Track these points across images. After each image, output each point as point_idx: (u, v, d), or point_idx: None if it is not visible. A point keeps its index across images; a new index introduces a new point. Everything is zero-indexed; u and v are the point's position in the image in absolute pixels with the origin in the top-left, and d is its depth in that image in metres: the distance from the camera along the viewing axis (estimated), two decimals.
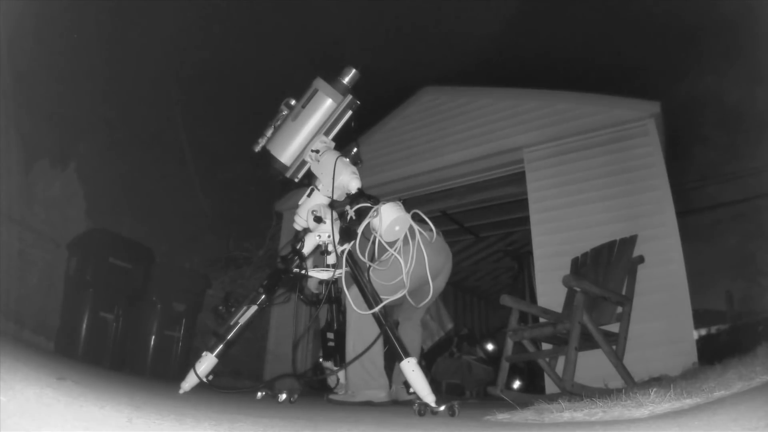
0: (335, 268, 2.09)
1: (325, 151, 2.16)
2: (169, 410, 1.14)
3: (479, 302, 9.83)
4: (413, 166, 4.99)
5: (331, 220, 2.09)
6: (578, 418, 1.23)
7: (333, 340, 2.35)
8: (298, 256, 2.12)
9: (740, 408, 1.08)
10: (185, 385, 2.00)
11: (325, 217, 2.10)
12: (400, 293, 1.99)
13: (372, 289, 1.92)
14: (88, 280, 3.73)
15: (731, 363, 1.91)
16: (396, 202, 1.99)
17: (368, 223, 1.92)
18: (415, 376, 1.74)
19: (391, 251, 1.93)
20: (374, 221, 1.90)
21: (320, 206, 2.14)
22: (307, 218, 2.15)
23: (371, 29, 13.44)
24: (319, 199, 2.18)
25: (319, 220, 2.09)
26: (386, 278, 2.05)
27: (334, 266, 2.10)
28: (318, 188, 2.19)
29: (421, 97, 5.33)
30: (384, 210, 1.90)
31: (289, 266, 2.13)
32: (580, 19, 15.83)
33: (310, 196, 2.23)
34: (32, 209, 5.08)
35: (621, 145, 3.99)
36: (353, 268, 1.96)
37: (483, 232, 7.01)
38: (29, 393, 0.90)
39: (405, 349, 1.80)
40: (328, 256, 2.16)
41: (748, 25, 5.54)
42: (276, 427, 1.09)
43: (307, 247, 2.14)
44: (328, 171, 2.07)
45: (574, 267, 3.50)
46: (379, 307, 1.85)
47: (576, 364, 2.46)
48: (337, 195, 2.11)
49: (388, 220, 1.89)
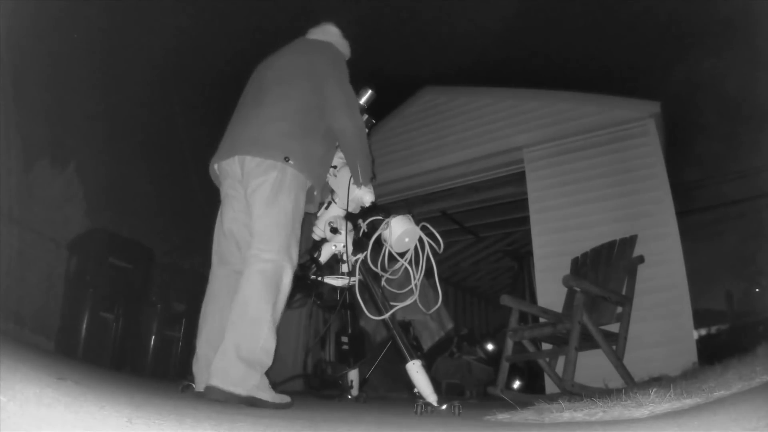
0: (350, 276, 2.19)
1: (343, 166, 2.25)
2: (169, 410, 1.14)
3: (479, 302, 9.84)
4: (413, 166, 4.99)
5: (345, 231, 2.19)
6: (578, 418, 1.23)
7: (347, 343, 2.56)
8: (316, 264, 2.24)
9: (740, 408, 1.08)
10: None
11: (340, 229, 2.21)
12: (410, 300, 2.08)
13: (383, 296, 2.04)
14: (88, 280, 3.74)
15: (731, 363, 1.91)
16: (406, 215, 2.11)
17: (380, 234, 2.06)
18: (420, 377, 1.84)
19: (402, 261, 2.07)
20: (385, 233, 2.04)
21: (337, 218, 2.25)
22: (324, 229, 2.27)
23: (371, 29, 13.46)
24: (336, 212, 2.28)
25: (335, 231, 2.22)
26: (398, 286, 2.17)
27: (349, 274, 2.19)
28: (335, 201, 2.29)
29: (421, 97, 5.33)
30: (394, 223, 2.04)
31: (307, 273, 2.24)
32: (580, 19, 15.84)
33: (327, 209, 2.32)
34: (32, 209, 5.08)
35: (621, 145, 3.99)
36: (366, 277, 2.07)
37: (483, 232, 7.00)
38: (29, 393, 0.90)
39: (411, 352, 1.89)
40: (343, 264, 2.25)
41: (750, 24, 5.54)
42: (276, 427, 1.09)
43: (324, 255, 2.26)
44: (344, 185, 2.19)
45: (574, 267, 3.50)
46: (389, 314, 1.97)
47: (576, 364, 2.47)
48: (352, 207, 2.20)
49: (397, 233, 2.03)
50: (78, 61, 6.74)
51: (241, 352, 1.59)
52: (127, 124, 7.79)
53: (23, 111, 4.91)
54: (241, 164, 1.88)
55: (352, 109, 2.04)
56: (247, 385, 1.57)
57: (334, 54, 2.15)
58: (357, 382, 2.67)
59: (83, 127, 6.71)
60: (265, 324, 1.65)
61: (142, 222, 6.67)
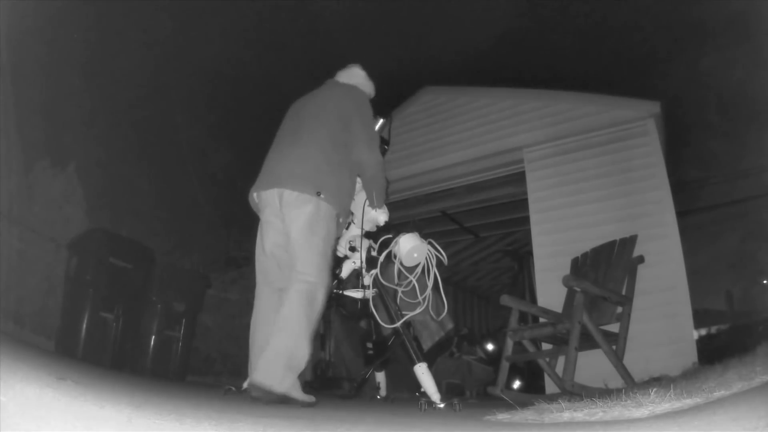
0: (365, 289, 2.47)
1: (360, 191, 2.48)
2: (169, 410, 1.14)
3: (479, 302, 9.83)
4: (413, 166, 4.98)
5: (361, 249, 2.45)
6: (578, 418, 1.23)
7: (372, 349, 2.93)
8: (338, 279, 2.49)
9: (740, 408, 1.08)
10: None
11: (358, 247, 2.47)
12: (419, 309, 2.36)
13: (396, 307, 2.37)
14: (88, 280, 3.73)
15: (731, 363, 1.91)
16: (414, 233, 2.42)
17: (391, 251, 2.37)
18: (426, 378, 2.16)
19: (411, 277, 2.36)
20: (396, 249, 2.36)
21: (356, 237, 2.50)
22: (345, 247, 2.55)
23: (371, 29, 13.45)
24: (355, 231, 2.51)
25: (353, 250, 2.50)
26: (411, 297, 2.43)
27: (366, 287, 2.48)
28: (353, 222, 2.52)
29: (421, 97, 5.33)
30: (403, 241, 2.36)
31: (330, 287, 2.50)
32: (580, 19, 15.83)
33: (347, 229, 2.54)
34: (32, 209, 5.08)
35: (621, 145, 3.99)
36: (380, 289, 2.40)
37: (483, 232, 7.00)
38: (29, 393, 0.90)
39: (418, 355, 2.23)
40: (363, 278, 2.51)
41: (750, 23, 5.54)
42: (276, 427, 1.09)
43: (345, 271, 2.52)
44: (361, 207, 2.44)
45: (574, 267, 3.50)
46: (401, 322, 2.31)
47: (576, 364, 2.47)
48: (369, 227, 2.48)
49: (405, 249, 2.34)
50: (78, 62, 6.74)
51: (283, 358, 1.88)
52: (127, 124, 7.79)
53: (23, 111, 4.91)
54: (279, 196, 2.15)
55: (372, 146, 2.34)
56: (285, 385, 1.84)
57: (360, 97, 2.46)
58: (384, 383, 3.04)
59: (83, 127, 6.71)
60: (303, 335, 1.94)
61: (142, 222, 6.67)
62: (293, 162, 2.18)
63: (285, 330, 1.93)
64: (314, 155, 2.18)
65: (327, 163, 2.18)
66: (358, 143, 2.28)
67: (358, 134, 2.29)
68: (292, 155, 2.21)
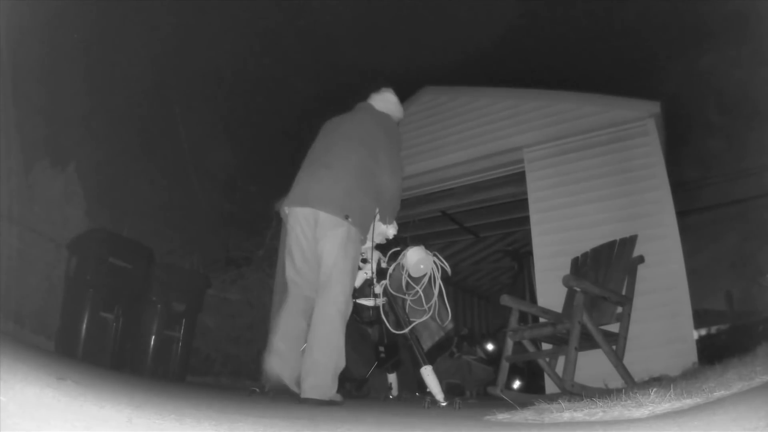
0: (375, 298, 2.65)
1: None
2: (169, 410, 1.14)
3: (479, 302, 9.83)
4: (413, 166, 4.98)
5: (372, 261, 2.61)
6: (578, 418, 1.23)
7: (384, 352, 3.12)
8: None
9: (740, 408, 1.08)
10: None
11: (369, 259, 2.62)
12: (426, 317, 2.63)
13: (404, 314, 2.58)
14: (88, 280, 3.73)
15: (731, 363, 1.91)
16: (420, 246, 2.64)
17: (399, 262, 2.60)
18: (431, 379, 2.34)
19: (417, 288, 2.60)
20: (403, 261, 2.59)
21: (368, 250, 2.63)
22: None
23: (371, 29, 13.44)
24: (367, 244, 2.64)
25: (365, 261, 2.63)
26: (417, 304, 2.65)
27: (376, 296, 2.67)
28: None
29: (421, 97, 5.33)
30: (409, 253, 2.59)
31: None
32: (580, 19, 15.83)
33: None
34: (32, 209, 5.08)
35: (621, 145, 3.98)
36: (390, 298, 2.61)
37: (483, 232, 7.00)
38: (29, 393, 0.90)
39: (424, 358, 2.41)
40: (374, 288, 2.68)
41: (751, 23, 5.54)
42: (276, 427, 1.09)
43: (358, 281, 2.63)
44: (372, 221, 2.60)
45: (574, 267, 3.50)
46: (408, 328, 2.51)
47: (576, 364, 2.46)
48: (379, 240, 2.66)
49: (412, 261, 2.57)
50: (78, 62, 6.73)
51: (331, 371, 2.16)
52: (127, 124, 7.79)
53: (23, 111, 4.91)
54: (314, 216, 2.37)
55: (395, 173, 2.55)
56: (332, 392, 2.14)
57: (391, 127, 2.69)
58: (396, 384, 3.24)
59: (83, 127, 6.71)
60: (342, 347, 2.23)
61: (142, 222, 6.67)
62: (326, 185, 2.37)
63: (328, 347, 2.20)
64: (343, 178, 2.38)
65: (354, 187, 2.39)
66: (383, 171, 2.50)
67: (384, 163, 2.50)
68: (325, 178, 2.40)
